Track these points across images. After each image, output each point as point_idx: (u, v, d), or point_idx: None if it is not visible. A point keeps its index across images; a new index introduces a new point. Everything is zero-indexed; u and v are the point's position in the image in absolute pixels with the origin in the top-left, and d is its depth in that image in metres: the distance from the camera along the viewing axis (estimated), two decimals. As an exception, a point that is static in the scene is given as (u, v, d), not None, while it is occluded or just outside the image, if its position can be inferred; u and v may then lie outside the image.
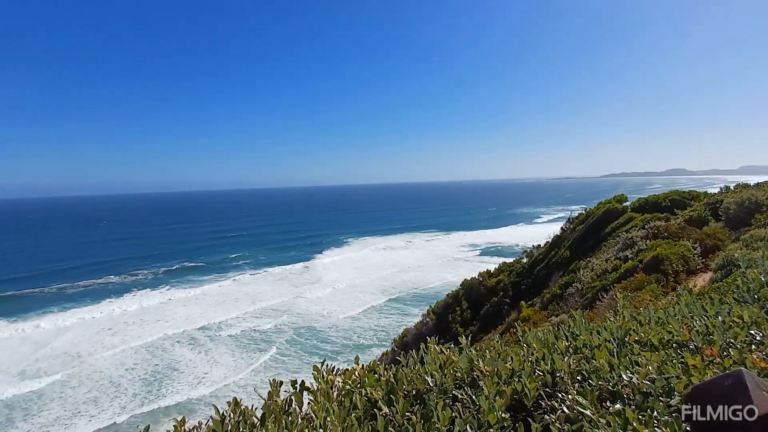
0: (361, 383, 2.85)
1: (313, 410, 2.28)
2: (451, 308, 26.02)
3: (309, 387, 2.70)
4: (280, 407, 2.44)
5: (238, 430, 2.23)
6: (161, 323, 40.05)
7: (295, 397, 2.60)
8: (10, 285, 55.57)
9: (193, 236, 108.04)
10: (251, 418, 2.34)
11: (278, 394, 2.56)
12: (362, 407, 2.35)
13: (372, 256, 73.03)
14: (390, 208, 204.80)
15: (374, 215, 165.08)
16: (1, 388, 27.58)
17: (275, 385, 2.58)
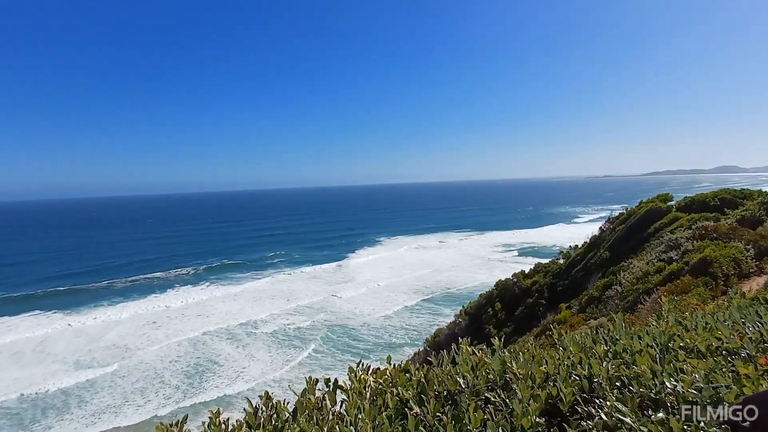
0: (393, 382, 2.86)
1: (345, 408, 2.31)
2: (485, 309, 25.62)
3: (342, 385, 2.74)
4: (314, 404, 2.49)
5: (270, 423, 2.29)
6: (202, 318, 41.67)
7: (328, 395, 2.64)
8: (65, 280, 59.44)
9: (232, 235, 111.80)
10: (284, 413, 2.39)
11: (313, 392, 2.61)
12: (393, 406, 2.36)
13: (404, 256, 72.98)
14: (423, 208, 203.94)
15: (407, 215, 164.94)
16: (58, 377, 29.58)
17: (311, 382, 2.63)
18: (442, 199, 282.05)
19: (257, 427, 2.18)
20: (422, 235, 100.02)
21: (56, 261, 77.43)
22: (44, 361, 32.39)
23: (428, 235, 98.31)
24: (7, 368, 31.24)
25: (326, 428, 2.06)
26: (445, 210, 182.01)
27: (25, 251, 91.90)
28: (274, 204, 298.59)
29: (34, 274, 64.80)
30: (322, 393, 2.69)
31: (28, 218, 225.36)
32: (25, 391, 27.56)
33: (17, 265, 74.48)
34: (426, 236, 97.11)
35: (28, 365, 31.75)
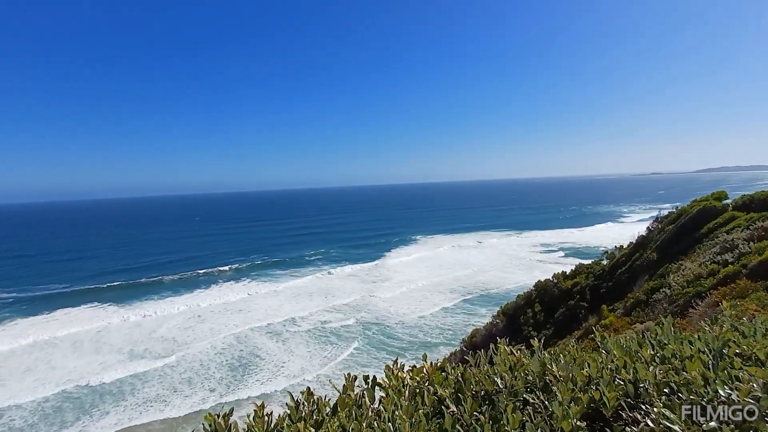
0: (429, 381, 2.88)
1: (383, 405, 2.35)
2: (523, 310, 25.01)
3: (381, 383, 2.78)
4: (353, 401, 2.55)
5: (312, 418, 2.37)
6: (244, 314, 43.19)
7: (367, 392, 2.69)
8: (119, 275, 63.30)
9: (271, 233, 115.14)
10: (325, 409, 2.47)
11: (352, 388, 2.67)
12: (430, 404, 2.38)
13: (441, 255, 72.43)
14: (460, 207, 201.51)
15: (444, 213, 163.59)
16: (114, 366, 31.59)
17: (350, 379, 2.69)
18: (480, 198, 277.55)
19: (299, 421, 2.25)
20: (459, 234, 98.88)
21: (110, 257, 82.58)
22: (101, 351, 34.68)
23: (465, 234, 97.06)
24: (69, 356, 33.68)
25: (365, 424, 2.10)
26: (483, 209, 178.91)
27: (80, 248, 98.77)
28: (311, 203, 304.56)
29: (91, 269, 69.45)
30: (361, 390, 2.75)
31: (78, 217, 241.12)
32: (84, 378, 29.62)
33: (76, 260, 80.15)
34: (463, 235, 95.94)
35: (86, 354, 34.11)
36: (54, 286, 58.79)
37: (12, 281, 62.98)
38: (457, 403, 2.23)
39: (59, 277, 64.47)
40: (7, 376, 30.47)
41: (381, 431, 2.04)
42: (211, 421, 2.21)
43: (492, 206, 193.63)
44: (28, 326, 41.25)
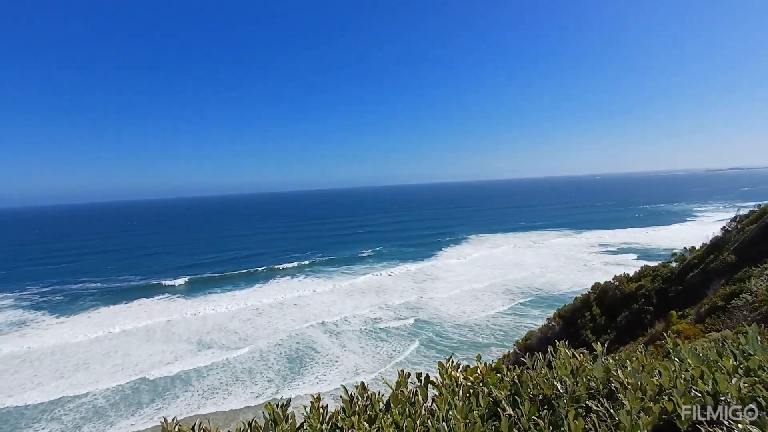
0: (484, 381, 2.82)
1: (436, 404, 2.34)
2: (581, 313, 23.79)
3: (434, 381, 2.77)
4: (406, 398, 2.55)
5: (365, 412, 2.40)
6: (300, 309, 44.75)
7: (420, 389, 2.69)
8: (185, 270, 67.90)
9: (328, 231, 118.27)
10: (378, 404, 2.49)
11: (405, 385, 2.67)
12: (485, 406, 2.33)
13: (494, 255, 70.66)
14: (516, 205, 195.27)
15: (498, 212, 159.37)
16: (183, 354, 34.00)
17: (403, 376, 2.70)
18: (537, 196, 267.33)
19: (353, 415, 2.30)
20: (513, 233, 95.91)
21: (179, 253, 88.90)
22: (171, 340, 37.41)
23: (520, 234, 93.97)
24: (143, 344, 36.66)
25: (418, 422, 2.10)
26: (540, 207, 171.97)
27: (151, 245, 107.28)
28: (365, 202, 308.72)
29: (163, 265, 75.17)
30: (415, 387, 2.75)
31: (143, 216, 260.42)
32: (157, 365, 32.13)
33: (149, 256, 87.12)
34: (518, 234, 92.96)
35: (158, 342, 36.95)
36: (132, 278, 64.50)
37: (98, 273, 69.92)
38: (513, 406, 2.17)
39: (136, 271, 70.51)
40: (90, 360, 33.73)
41: (435, 430, 2.03)
42: (270, 410, 2.31)
43: (549, 205, 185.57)
44: (109, 315, 45.44)
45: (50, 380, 30.29)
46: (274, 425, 2.05)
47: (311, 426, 2.12)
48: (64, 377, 30.70)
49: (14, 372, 32.10)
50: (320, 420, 2.22)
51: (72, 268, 77.69)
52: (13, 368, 32.79)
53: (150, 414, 25.59)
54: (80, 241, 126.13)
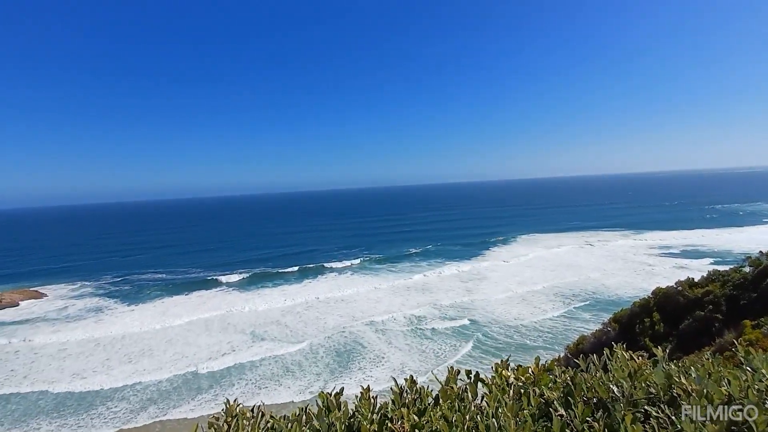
0: (535, 382, 2.78)
1: (487, 401, 2.34)
2: (639, 318, 22.40)
3: (483, 379, 2.77)
4: (455, 394, 2.57)
5: (415, 405, 2.44)
6: (347, 304, 45.65)
7: (469, 386, 2.70)
8: (240, 265, 71.29)
9: (374, 229, 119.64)
10: (427, 399, 2.53)
11: (455, 382, 2.69)
12: (536, 405, 2.30)
13: (543, 255, 68.21)
14: (568, 204, 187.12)
15: (547, 211, 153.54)
16: (238, 345, 35.81)
17: (452, 372, 2.72)
18: (590, 195, 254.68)
19: (402, 407, 2.35)
20: (566, 233, 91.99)
21: (233, 249, 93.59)
22: (227, 331, 39.48)
23: (573, 234, 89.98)
24: (201, 335, 38.93)
25: (468, 417, 2.12)
26: (593, 206, 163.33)
27: (205, 240, 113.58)
28: (411, 200, 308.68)
29: (219, 259, 79.43)
30: (464, 384, 2.76)
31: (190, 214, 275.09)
32: (215, 354, 34.04)
33: (205, 251, 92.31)
34: (570, 235, 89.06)
35: (215, 333, 39.10)
36: (192, 271, 68.94)
37: (162, 266, 75.37)
38: (566, 407, 2.13)
39: (195, 264, 75.19)
40: (155, 347, 36.34)
41: (485, 426, 2.04)
42: (323, 398, 2.42)
43: (603, 204, 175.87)
44: (171, 305, 48.73)
45: (119, 364, 32.99)
46: (328, 412, 2.15)
47: (362, 414, 2.20)
48: (132, 362, 33.29)
49: (89, 355, 35.26)
50: (371, 410, 2.29)
51: (140, 260, 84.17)
52: (89, 351, 36.02)
53: (208, 399, 27.19)
54: (145, 236, 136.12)
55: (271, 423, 2.16)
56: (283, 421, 2.13)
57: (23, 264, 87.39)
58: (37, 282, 65.23)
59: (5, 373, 32.35)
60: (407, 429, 1.99)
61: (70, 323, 43.88)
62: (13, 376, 31.62)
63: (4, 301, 52.66)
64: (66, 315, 47.08)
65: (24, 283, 63.84)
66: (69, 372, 31.91)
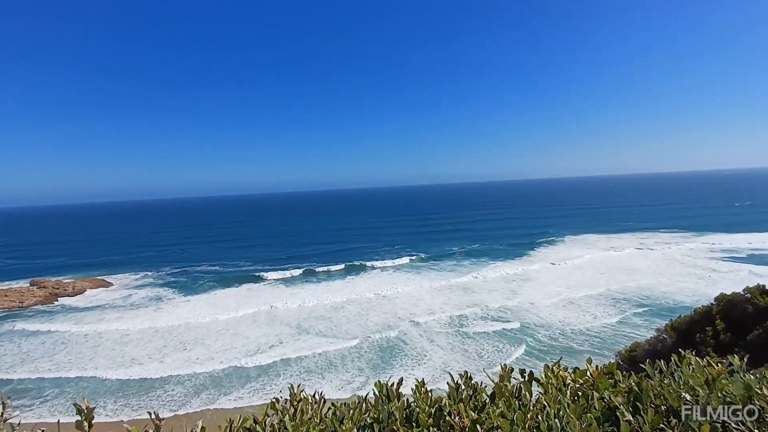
0: (594, 385, 2.70)
1: (545, 401, 2.30)
2: (700, 327, 20.87)
3: (538, 379, 2.72)
4: (510, 392, 2.55)
5: (471, 401, 2.44)
6: (390, 301, 45.94)
7: (524, 385, 2.66)
8: (286, 261, 73.76)
9: (418, 228, 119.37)
10: (482, 395, 2.52)
11: (508, 380, 2.67)
12: (600, 409, 2.24)
13: (592, 257, 65.18)
14: (619, 204, 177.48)
15: (598, 211, 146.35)
16: (286, 338, 37.05)
17: (506, 370, 2.70)
18: (645, 194, 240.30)
19: (458, 402, 2.36)
20: (616, 234, 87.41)
21: (278, 245, 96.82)
22: (273, 323, 40.91)
23: (625, 235, 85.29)
24: (250, 326, 40.59)
25: (529, 416, 2.09)
26: (649, 206, 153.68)
27: (253, 236, 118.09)
28: (455, 198, 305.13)
29: (266, 253, 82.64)
30: (518, 383, 2.73)
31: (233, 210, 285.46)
32: (263, 345, 35.43)
33: (254, 246, 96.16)
34: (622, 236, 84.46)
35: (263, 325, 40.63)
36: (241, 265, 72.36)
37: (214, 259, 79.57)
38: (634, 413, 2.05)
39: (245, 258, 78.83)
40: (206, 336, 38.31)
41: (546, 427, 2.01)
42: (380, 387, 2.48)
43: (663, 203, 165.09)
44: (223, 297, 51.22)
45: (175, 351, 35.11)
46: (388, 401, 2.20)
47: (420, 407, 2.23)
48: (186, 350, 35.30)
49: (148, 341, 37.77)
50: (428, 403, 2.32)
51: (195, 253, 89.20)
52: (148, 338, 38.58)
53: (257, 388, 28.37)
54: (197, 230, 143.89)
55: (333, 409, 2.24)
56: (345, 408, 2.21)
57: (92, 255, 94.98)
58: (105, 271, 70.72)
59: (74, 355, 35.36)
60: (467, 424, 2.00)
61: (132, 311, 47.24)
62: (80, 359, 34.49)
63: (76, 288, 57.47)
64: (130, 303, 50.74)
65: (93, 272, 69.38)
66: (129, 357, 34.36)
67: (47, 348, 37.12)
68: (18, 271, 75.73)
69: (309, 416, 2.10)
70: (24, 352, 36.50)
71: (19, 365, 33.59)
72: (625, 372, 2.97)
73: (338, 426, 1.96)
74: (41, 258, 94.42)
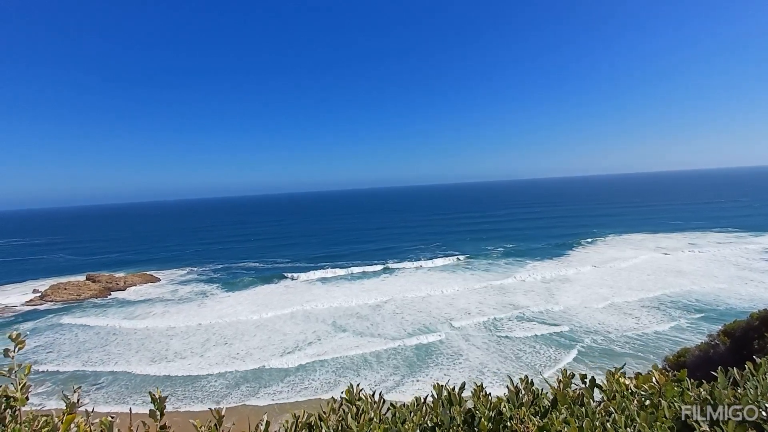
0: (660, 392, 2.58)
1: (612, 408, 2.22)
2: (758, 333, 19.51)
3: (601, 384, 2.63)
4: (572, 398, 2.48)
5: (530, 407, 2.39)
6: (425, 300, 45.82)
7: (585, 392, 2.59)
8: (321, 260, 75.04)
9: (453, 226, 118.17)
10: (542, 400, 2.46)
11: (569, 385, 2.60)
12: (671, 418, 2.15)
13: (637, 256, 62.22)
14: (663, 201, 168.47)
15: (644, 209, 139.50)
16: (324, 335, 37.75)
17: (566, 375, 2.63)
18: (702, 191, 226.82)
19: (519, 407, 2.32)
20: (664, 233, 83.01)
21: (314, 244, 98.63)
22: (310, 320, 41.74)
23: (672, 234, 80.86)
24: (288, 323, 41.59)
25: (597, 422, 2.03)
26: (702, 204, 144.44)
27: (291, 234, 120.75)
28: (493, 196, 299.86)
29: (303, 251, 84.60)
30: (579, 389, 2.65)
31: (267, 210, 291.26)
32: (300, 342, 36.25)
33: (291, 245, 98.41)
34: (670, 235, 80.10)
35: (300, 322, 41.54)
36: (280, 262, 74.71)
37: (254, 257, 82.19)
38: (711, 423, 1.95)
39: (283, 256, 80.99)
40: (246, 332, 39.61)
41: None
42: (438, 389, 2.47)
43: (715, 201, 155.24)
44: (262, 293, 52.83)
45: (216, 345, 36.49)
46: (449, 405, 2.19)
47: (480, 411, 2.21)
48: (227, 344, 36.61)
49: (192, 335, 39.49)
50: (487, 406, 2.30)
51: (236, 251, 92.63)
52: (192, 332, 40.29)
53: (295, 382, 29.07)
54: (234, 229, 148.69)
55: (393, 410, 2.26)
56: (405, 410, 2.22)
57: (139, 252, 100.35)
58: (152, 267, 74.47)
59: (123, 347, 37.45)
60: (533, 431, 1.97)
61: (178, 305, 49.56)
62: (128, 350, 36.51)
63: (127, 282, 60.85)
64: (177, 297, 53.34)
65: (142, 268, 73.19)
66: (173, 350, 36.02)
67: (101, 339, 39.57)
68: (75, 266, 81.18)
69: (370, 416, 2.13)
70: (81, 341, 39.11)
71: (75, 355, 35.99)
72: (692, 380, 2.84)
73: (401, 426, 1.97)
74: (95, 254, 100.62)
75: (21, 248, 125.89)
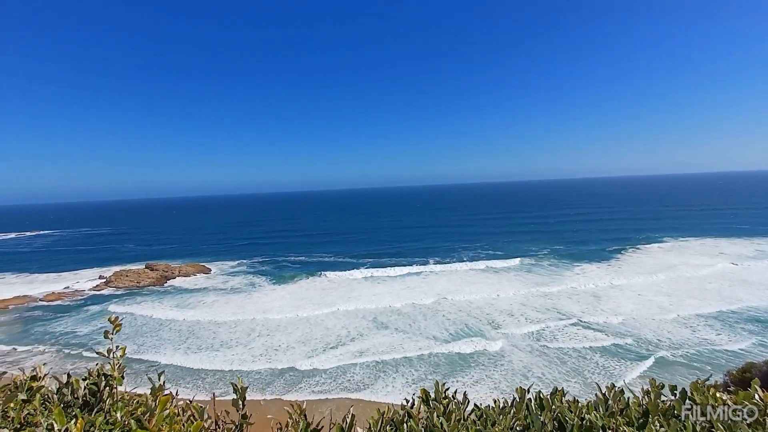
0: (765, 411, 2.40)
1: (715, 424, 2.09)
2: None
3: (695, 399, 2.48)
4: (664, 410, 2.35)
5: (622, 416, 2.29)
6: (468, 301, 45.23)
7: (676, 404, 2.45)
8: (366, 256, 75.79)
9: (495, 227, 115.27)
10: (633, 410, 2.36)
11: (659, 396, 2.47)
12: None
13: (695, 262, 58.08)
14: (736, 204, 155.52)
15: (707, 211, 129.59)
16: (363, 333, 38.19)
17: (655, 386, 2.50)
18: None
19: (610, 416, 2.23)
20: (727, 238, 76.68)
21: (358, 242, 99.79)
22: (351, 316, 42.39)
23: (737, 240, 74.35)
24: (330, 317, 42.38)
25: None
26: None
27: (332, 230, 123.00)
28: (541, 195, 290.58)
29: (347, 248, 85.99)
30: (669, 401, 2.52)
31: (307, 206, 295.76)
32: (343, 338, 36.83)
33: (332, 243, 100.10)
34: (733, 240, 73.81)
35: (342, 318, 42.25)
36: (325, 257, 76.97)
37: (300, 251, 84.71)
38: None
39: (328, 251, 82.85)
40: (290, 324, 40.84)
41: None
42: (521, 393, 2.42)
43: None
44: (305, 287, 54.40)
45: (260, 336, 37.85)
46: (540, 410, 2.15)
47: (570, 418, 2.15)
48: (270, 335, 37.91)
49: (237, 325, 41.25)
50: (576, 413, 2.23)
51: (283, 245, 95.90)
52: (238, 321, 42.11)
53: (336, 375, 29.65)
54: (280, 224, 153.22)
55: (480, 411, 2.24)
56: (492, 412, 2.20)
57: (193, 243, 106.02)
58: (205, 258, 78.44)
59: (177, 335, 39.67)
60: (635, 442, 1.88)
61: (228, 295, 51.96)
62: (179, 338, 38.62)
63: (182, 272, 64.44)
64: (228, 287, 56.05)
65: (195, 259, 77.28)
66: (219, 340, 37.65)
67: (156, 324, 42.19)
68: (135, 256, 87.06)
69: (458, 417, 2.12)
70: (139, 325, 41.93)
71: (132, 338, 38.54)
72: None
73: (490, 429, 1.96)
74: (152, 245, 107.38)
75: (91, 237, 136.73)
